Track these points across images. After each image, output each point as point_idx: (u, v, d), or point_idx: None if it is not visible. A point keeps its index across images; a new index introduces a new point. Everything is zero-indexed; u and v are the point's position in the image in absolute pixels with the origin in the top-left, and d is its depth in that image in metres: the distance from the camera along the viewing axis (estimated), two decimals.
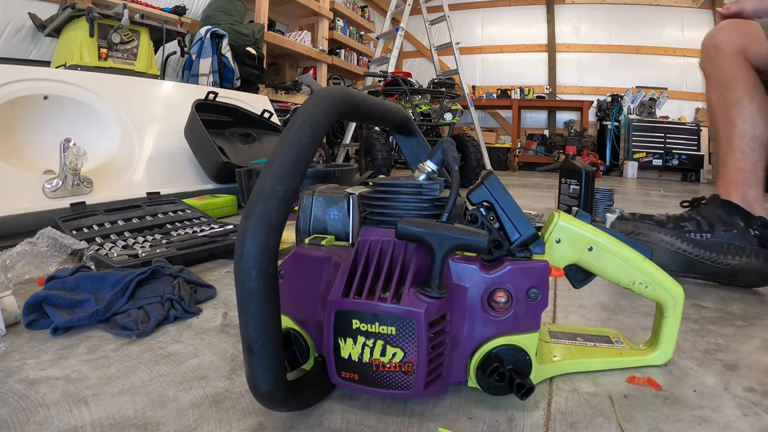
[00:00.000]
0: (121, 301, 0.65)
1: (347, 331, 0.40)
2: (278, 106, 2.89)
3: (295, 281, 0.47)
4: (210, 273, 0.88)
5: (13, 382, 0.48)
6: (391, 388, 0.41)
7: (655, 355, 0.53)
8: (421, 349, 0.39)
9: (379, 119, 0.53)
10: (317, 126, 0.37)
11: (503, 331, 0.44)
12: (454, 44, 3.31)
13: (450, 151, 0.49)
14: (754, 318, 0.71)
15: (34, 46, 2.22)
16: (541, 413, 0.44)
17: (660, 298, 0.52)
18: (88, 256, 0.83)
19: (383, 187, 0.48)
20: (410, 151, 0.65)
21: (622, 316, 0.70)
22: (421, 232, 0.39)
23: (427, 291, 0.40)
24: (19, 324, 0.62)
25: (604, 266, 0.51)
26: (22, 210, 1.11)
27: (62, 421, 0.41)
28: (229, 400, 0.45)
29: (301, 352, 0.47)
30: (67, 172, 1.20)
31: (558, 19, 5.24)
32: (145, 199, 1.31)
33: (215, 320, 0.65)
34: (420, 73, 5.44)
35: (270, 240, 0.33)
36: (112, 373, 0.50)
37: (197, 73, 2.39)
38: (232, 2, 2.75)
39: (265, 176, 0.35)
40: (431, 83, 3.03)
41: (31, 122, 1.32)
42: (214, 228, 1.09)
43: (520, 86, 5.22)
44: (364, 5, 4.98)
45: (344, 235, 0.50)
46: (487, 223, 0.45)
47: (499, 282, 0.43)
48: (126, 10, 1.98)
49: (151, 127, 1.61)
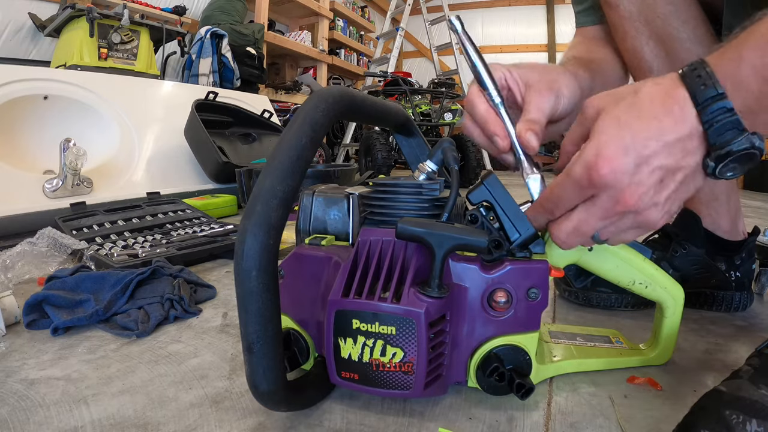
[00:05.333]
0: (121, 301, 0.65)
1: (347, 330, 0.40)
2: (278, 106, 2.89)
3: (295, 281, 0.47)
4: (210, 273, 0.88)
5: (13, 382, 0.48)
6: (391, 388, 0.41)
7: (655, 355, 0.53)
8: (421, 349, 0.39)
9: (379, 119, 0.53)
10: (317, 126, 0.37)
11: (503, 331, 0.44)
12: (454, 44, 3.30)
13: (450, 151, 0.49)
14: (754, 318, 0.71)
15: (34, 46, 2.22)
16: (541, 413, 0.44)
17: (660, 298, 0.52)
18: (88, 256, 0.83)
19: (383, 187, 0.48)
20: (410, 151, 0.65)
21: (621, 315, 0.70)
22: (421, 232, 0.39)
23: (427, 291, 0.40)
24: (19, 324, 0.62)
25: (603, 266, 0.51)
26: (22, 210, 1.11)
27: (62, 421, 0.41)
28: (229, 400, 0.45)
29: (301, 352, 0.47)
30: (67, 172, 1.20)
31: (558, 19, 5.24)
32: (145, 199, 1.31)
33: (215, 320, 0.65)
34: (420, 73, 5.44)
35: (270, 240, 0.33)
36: (112, 373, 0.50)
37: (197, 73, 2.39)
38: (232, 2, 2.75)
39: (265, 176, 0.35)
40: (431, 83, 3.03)
41: (31, 122, 1.32)
42: (214, 228, 1.09)
43: None
44: (364, 5, 4.98)
45: (344, 235, 0.50)
46: (487, 223, 0.45)
47: (499, 282, 0.43)
48: (126, 10, 1.98)
49: (151, 127, 1.61)
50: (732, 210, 0.73)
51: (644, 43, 0.64)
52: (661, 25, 0.63)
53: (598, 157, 0.34)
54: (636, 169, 0.34)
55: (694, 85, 0.34)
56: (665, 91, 0.35)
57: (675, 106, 0.34)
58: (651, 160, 0.34)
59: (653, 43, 0.64)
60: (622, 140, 0.34)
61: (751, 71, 0.32)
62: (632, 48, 0.66)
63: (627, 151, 0.34)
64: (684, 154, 0.34)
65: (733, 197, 0.73)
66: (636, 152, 0.34)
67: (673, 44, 0.63)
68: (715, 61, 0.34)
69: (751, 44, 0.33)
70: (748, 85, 0.33)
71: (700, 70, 0.34)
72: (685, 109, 0.34)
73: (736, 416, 0.32)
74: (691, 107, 0.34)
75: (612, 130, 0.34)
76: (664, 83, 0.35)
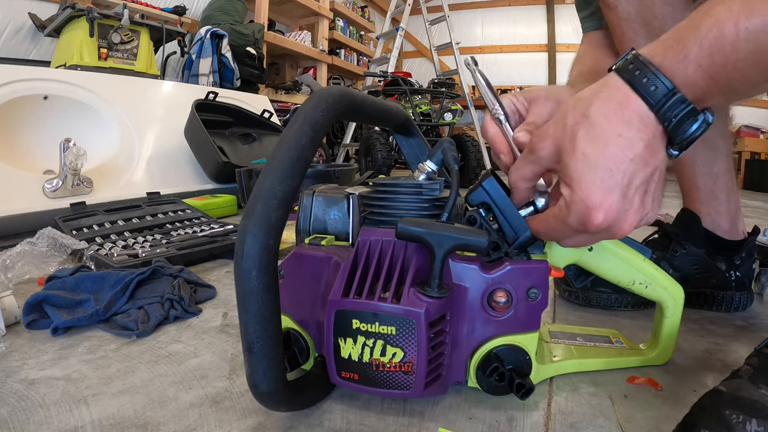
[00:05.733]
0: (121, 301, 0.65)
1: (347, 330, 0.40)
2: (278, 106, 2.89)
3: (295, 281, 0.47)
4: (210, 273, 0.88)
5: (13, 382, 0.48)
6: (391, 388, 0.41)
7: (655, 354, 0.53)
8: (421, 349, 0.39)
9: (379, 119, 0.53)
10: (317, 126, 0.37)
11: (503, 331, 0.44)
12: (454, 44, 3.30)
13: (450, 151, 0.49)
14: (754, 318, 0.71)
15: (34, 46, 2.22)
16: (541, 413, 0.44)
17: (660, 298, 0.52)
18: (88, 256, 0.83)
19: (383, 187, 0.48)
20: (410, 151, 0.65)
21: (621, 315, 0.70)
22: (421, 232, 0.39)
23: (427, 291, 0.40)
24: (19, 324, 0.62)
25: (603, 266, 0.51)
26: (22, 210, 1.11)
27: (62, 421, 0.41)
28: (229, 400, 0.45)
29: (301, 352, 0.47)
30: (67, 172, 1.20)
31: (558, 19, 5.24)
32: (145, 199, 1.31)
33: (215, 320, 0.65)
34: (420, 73, 5.44)
35: (270, 240, 0.33)
36: (112, 373, 0.50)
37: (197, 73, 2.39)
38: (232, 2, 2.75)
39: (265, 176, 0.35)
40: (431, 83, 3.02)
41: (31, 122, 1.32)
42: (214, 228, 1.09)
43: (520, 86, 5.21)
44: (364, 5, 4.98)
45: (344, 235, 0.50)
46: (486, 224, 0.45)
47: (499, 282, 0.43)
48: (126, 10, 1.98)
49: (151, 127, 1.61)
50: (732, 210, 0.73)
51: (642, 44, 0.65)
52: (659, 26, 0.63)
53: (588, 209, 0.35)
54: (623, 199, 0.35)
55: (644, 88, 0.34)
56: (618, 103, 0.35)
57: (633, 116, 0.34)
58: (632, 181, 0.35)
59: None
60: (602, 182, 0.34)
61: (697, 70, 0.32)
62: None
63: (611, 190, 0.34)
64: (652, 154, 0.35)
65: (733, 197, 0.73)
66: (618, 186, 0.34)
67: None
68: (658, 59, 0.34)
69: (696, 42, 0.32)
70: (695, 82, 0.33)
71: (644, 70, 0.34)
72: (643, 114, 0.34)
73: (736, 416, 0.32)
74: (647, 110, 0.34)
75: (587, 174, 0.34)
76: (611, 94, 0.35)
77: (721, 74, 0.32)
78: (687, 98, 0.33)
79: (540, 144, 0.38)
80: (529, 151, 0.39)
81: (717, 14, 0.31)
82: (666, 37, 0.35)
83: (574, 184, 0.35)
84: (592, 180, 0.34)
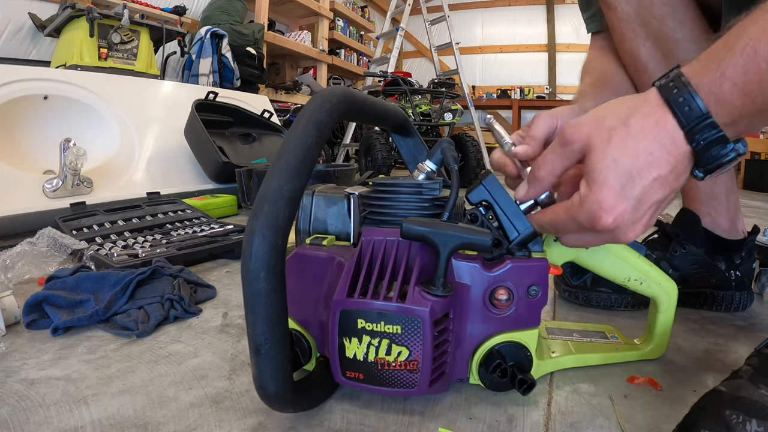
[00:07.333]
0: (121, 301, 0.65)
1: (352, 330, 0.40)
2: (278, 106, 2.89)
3: (296, 282, 0.47)
4: (210, 273, 0.88)
5: (13, 382, 0.48)
6: (397, 387, 0.41)
7: (650, 349, 0.54)
8: (426, 347, 0.39)
9: (379, 119, 0.53)
10: (322, 125, 0.37)
11: (504, 328, 0.45)
12: (454, 44, 3.30)
13: (449, 150, 0.49)
14: (754, 318, 0.71)
15: (34, 46, 2.22)
16: (541, 413, 0.44)
17: (654, 294, 0.52)
18: (88, 256, 0.83)
19: (383, 186, 0.48)
20: (407, 150, 0.65)
21: (621, 315, 0.70)
22: (426, 232, 0.39)
23: (432, 290, 0.40)
24: (19, 324, 0.62)
25: (600, 264, 0.51)
26: (22, 210, 1.11)
27: (62, 421, 0.41)
28: (229, 400, 0.45)
29: (303, 353, 0.47)
30: (67, 172, 1.20)
31: (558, 19, 5.24)
32: (145, 199, 1.31)
33: (215, 320, 0.65)
34: (420, 73, 5.44)
35: (278, 240, 0.33)
36: (112, 373, 0.50)
37: (197, 73, 2.39)
38: (232, 2, 2.75)
39: (272, 176, 0.34)
40: (431, 83, 3.02)
41: (31, 122, 1.32)
42: (214, 228, 1.09)
43: (520, 86, 5.22)
44: (364, 5, 4.98)
45: (345, 235, 0.50)
46: (487, 222, 0.45)
47: (501, 280, 0.43)
48: (126, 10, 1.98)
49: (151, 127, 1.61)
50: (731, 209, 0.73)
51: (641, 44, 0.65)
52: (657, 27, 0.63)
53: (601, 209, 0.36)
54: (635, 211, 0.36)
55: (680, 108, 0.34)
56: (656, 121, 0.35)
57: (666, 137, 0.35)
58: (649, 198, 0.36)
59: (650, 44, 0.64)
60: (622, 190, 0.35)
61: (733, 88, 0.33)
62: (630, 49, 0.66)
63: (627, 199, 0.35)
64: (676, 177, 0.36)
65: (733, 196, 0.73)
66: (635, 198, 0.35)
67: (669, 45, 0.63)
68: (696, 78, 0.34)
69: (731, 60, 0.33)
70: (731, 101, 0.33)
71: (682, 90, 0.34)
72: (675, 136, 0.35)
73: (736, 416, 0.32)
74: (679, 131, 0.35)
75: (611, 179, 0.35)
76: (650, 111, 0.36)
77: (756, 92, 0.32)
78: (719, 124, 0.34)
79: (573, 137, 0.38)
80: (561, 144, 0.39)
81: (750, 34, 0.32)
82: (702, 57, 0.35)
83: (596, 185, 0.36)
84: (613, 185, 0.35)
